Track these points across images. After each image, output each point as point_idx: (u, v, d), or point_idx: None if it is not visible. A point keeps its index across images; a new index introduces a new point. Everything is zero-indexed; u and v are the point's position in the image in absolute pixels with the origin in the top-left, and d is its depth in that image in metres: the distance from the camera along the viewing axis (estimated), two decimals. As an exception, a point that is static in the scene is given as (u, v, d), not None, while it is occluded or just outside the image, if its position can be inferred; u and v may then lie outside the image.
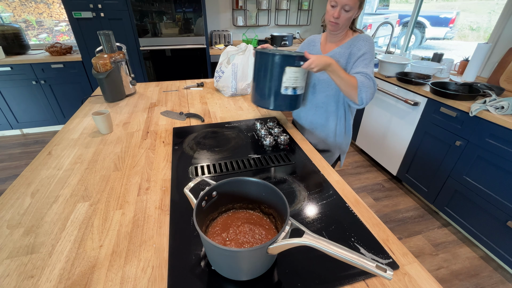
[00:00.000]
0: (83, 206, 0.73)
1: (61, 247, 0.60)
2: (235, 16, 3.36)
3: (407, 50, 2.69)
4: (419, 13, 2.50)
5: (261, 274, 0.54)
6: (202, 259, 0.58)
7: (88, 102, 1.48)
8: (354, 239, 0.63)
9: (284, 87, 0.98)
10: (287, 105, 1.04)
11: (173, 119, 1.26)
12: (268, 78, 0.98)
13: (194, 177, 0.85)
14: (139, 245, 0.61)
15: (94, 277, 0.54)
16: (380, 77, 2.12)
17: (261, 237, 0.57)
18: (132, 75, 1.56)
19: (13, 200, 0.75)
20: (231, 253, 0.47)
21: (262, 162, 0.93)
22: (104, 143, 1.05)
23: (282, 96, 1.00)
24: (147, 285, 0.53)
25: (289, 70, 0.94)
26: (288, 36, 3.32)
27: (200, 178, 0.61)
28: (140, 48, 2.69)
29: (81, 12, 2.43)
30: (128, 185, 0.82)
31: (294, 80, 0.97)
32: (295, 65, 0.94)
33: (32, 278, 0.54)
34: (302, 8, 3.54)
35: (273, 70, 0.96)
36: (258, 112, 1.37)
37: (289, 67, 0.94)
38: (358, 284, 0.53)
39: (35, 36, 3.08)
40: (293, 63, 0.94)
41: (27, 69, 2.55)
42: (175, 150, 1.01)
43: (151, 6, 2.54)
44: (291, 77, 0.96)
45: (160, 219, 0.69)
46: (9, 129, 2.82)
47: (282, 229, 0.48)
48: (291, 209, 0.72)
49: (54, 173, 0.87)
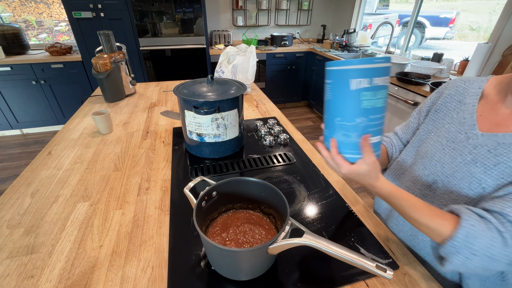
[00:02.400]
0: (83, 206, 0.73)
1: (61, 247, 0.60)
2: (235, 16, 3.36)
3: (407, 50, 2.69)
4: (419, 13, 2.50)
5: (261, 274, 0.54)
6: (202, 259, 0.58)
7: (88, 102, 1.48)
8: (354, 239, 0.63)
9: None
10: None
11: (173, 119, 1.26)
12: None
13: (194, 177, 0.85)
14: (139, 245, 0.61)
15: (94, 277, 0.54)
16: (380, 77, 2.12)
17: (261, 237, 0.57)
18: (132, 75, 1.56)
19: (13, 200, 0.75)
20: (231, 253, 0.47)
21: (262, 162, 0.93)
22: (104, 143, 1.05)
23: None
24: (147, 285, 0.53)
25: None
26: (288, 36, 3.32)
27: (200, 178, 0.61)
28: (140, 48, 2.69)
29: (81, 12, 2.43)
30: (128, 185, 0.82)
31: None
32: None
33: (32, 278, 0.54)
34: (302, 8, 3.54)
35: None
36: (258, 112, 1.37)
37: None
38: (358, 284, 0.53)
39: (35, 36, 3.08)
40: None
41: (27, 69, 2.54)
42: (175, 150, 1.01)
43: (151, 6, 2.54)
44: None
45: (160, 219, 0.69)
46: (9, 129, 2.82)
47: (282, 229, 0.48)
48: (291, 209, 0.72)
49: (54, 173, 0.87)
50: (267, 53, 3.15)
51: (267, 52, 3.14)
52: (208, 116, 0.84)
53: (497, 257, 0.43)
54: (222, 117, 0.86)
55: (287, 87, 3.51)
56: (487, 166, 0.51)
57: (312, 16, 3.67)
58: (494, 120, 0.54)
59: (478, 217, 0.45)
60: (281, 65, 3.30)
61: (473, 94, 0.60)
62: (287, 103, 3.71)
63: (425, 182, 0.64)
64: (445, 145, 0.61)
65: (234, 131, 0.92)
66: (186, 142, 0.97)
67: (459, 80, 0.65)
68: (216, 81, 0.91)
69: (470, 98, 0.60)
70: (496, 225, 0.43)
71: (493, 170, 0.50)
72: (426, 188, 0.64)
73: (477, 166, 0.53)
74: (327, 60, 2.92)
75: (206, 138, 0.89)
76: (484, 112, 0.57)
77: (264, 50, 3.13)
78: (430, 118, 0.67)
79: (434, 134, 0.65)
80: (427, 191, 0.63)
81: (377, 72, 0.41)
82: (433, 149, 0.63)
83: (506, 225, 0.43)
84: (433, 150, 0.63)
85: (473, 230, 0.43)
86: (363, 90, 0.41)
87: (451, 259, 0.46)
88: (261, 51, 3.11)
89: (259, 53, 3.10)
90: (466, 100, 0.61)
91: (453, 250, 0.45)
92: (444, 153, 0.60)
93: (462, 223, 0.44)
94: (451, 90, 0.65)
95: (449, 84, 0.67)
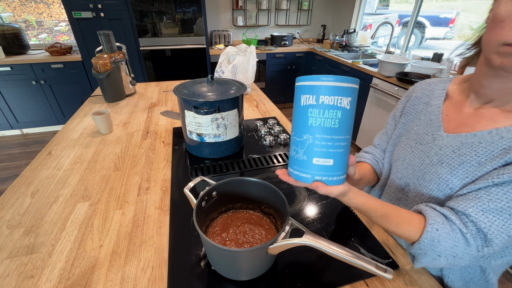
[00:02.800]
0: (83, 206, 0.73)
1: (61, 247, 0.60)
2: (235, 16, 3.36)
3: (407, 50, 2.69)
4: (419, 13, 2.50)
5: (261, 274, 0.54)
6: (202, 259, 0.58)
7: (88, 102, 1.48)
8: (354, 239, 0.63)
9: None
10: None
11: (173, 119, 1.26)
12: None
13: (194, 177, 0.85)
14: (139, 245, 0.61)
15: (94, 277, 0.54)
16: (380, 77, 2.12)
17: (261, 237, 0.57)
18: (132, 75, 1.56)
19: (13, 200, 0.75)
20: (231, 253, 0.47)
21: (262, 162, 0.93)
22: (104, 143, 1.05)
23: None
24: (147, 285, 0.53)
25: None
26: (288, 36, 3.32)
27: (200, 178, 0.61)
28: (140, 48, 2.69)
29: (81, 12, 2.43)
30: (128, 185, 0.82)
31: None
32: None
33: (32, 278, 0.54)
34: (302, 8, 3.54)
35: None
36: (258, 112, 1.37)
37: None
38: (358, 284, 0.53)
39: (35, 36, 3.08)
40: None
41: (27, 69, 2.55)
42: (175, 150, 1.01)
43: (151, 6, 2.54)
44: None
45: (160, 219, 0.69)
46: (9, 129, 2.82)
47: (282, 229, 0.48)
48: (291, 209, 0.72)
49: (54, 173, 0.87)
50: (267, 53, 3.15)
51: (267, 52, 3.14)
52: (208, 116, 0.84)
53: (460, 256, 0.45)
54: (222, 117, 0.86)
55: (287, 87, 3.51)
56: (452, 166, 0.52)
57: (312, 16, 3.67)
58: (459, 120, 0.55)
59: (443, 219, 0.47)
60: (281, 65, 3.30)
61: (438, 96, 0.61)
62: (287, 103, 3.71)
63: (399, 185, 0.65)
64: (414, 147, 0.61)
65: (234, 131, 0.92)
66: (186, 142, 0.97)
67: (425, 83, 0.66)
68: (216, 81, 0.91)
69: (435, 100, 0.61)
70: (459, 227, 0.45)
71: (458, 170, 0.51)
72: (400, 191, 0.65)
73: (443, 167, 0.54)
74: (327, 60, 2.92)
75: (206, 138, 0.89)
76: (449, 112, 0.58)
77: (264, 50, 3.13)
78: (401, 121, 0.68)
79: (405, 137, 0.66)
80: (401, 194, 0.65)
81: (325, 91, 0.39)
82: (404, 152, 0.64)
83: (468, 225, 0.45)
84: (404, 153, 0.64)
85: (437, 234, 0.45)
86: (310, 107, 0.41)
87: (419, 259, 0.49)
88: (261, 51, 3.11)
89: (259, 53, 3.10)
90: (432, 101, 0.62)
91: (420, 252, 0.48)
92: (413, 156, 0.61)
93: (427, 227, 0.46)
94: (418, 93, 0.66)
95: (416, 86, 0.68)
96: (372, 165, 0.73)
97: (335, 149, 0.41)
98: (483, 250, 0.44)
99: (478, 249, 0.44)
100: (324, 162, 0.42)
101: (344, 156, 0.42)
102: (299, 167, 0.44)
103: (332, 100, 0.39)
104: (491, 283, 0.59)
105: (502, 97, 0.49)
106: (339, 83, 0.39)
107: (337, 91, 0.39)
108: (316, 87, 0.40)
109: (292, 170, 0.45)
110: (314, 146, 0.41)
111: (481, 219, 0.44)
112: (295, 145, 0.44)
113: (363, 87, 2.37)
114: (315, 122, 0.41)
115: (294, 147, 0.44)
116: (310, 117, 0.41)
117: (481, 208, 0.44)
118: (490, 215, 0.43)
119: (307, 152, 0.42)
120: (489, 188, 0.45)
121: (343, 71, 2.65)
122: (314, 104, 0.40)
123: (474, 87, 0.53)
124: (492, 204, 0.44)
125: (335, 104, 0.40)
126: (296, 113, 0.44)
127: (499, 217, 0.43)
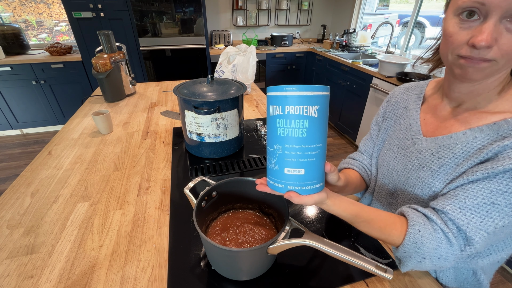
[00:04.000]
0: (83, 206, 0.73)
1: (61, 247, 0.60)
2: (235, 16, 3.36)
3: (407, 50, 2.69)
4: (419, 13, 2.50)
5: (261, 274, 0.54)
6: (202, 259, 0.58)
7: (88, 102, 1.48)
8: (354, 239, 0.63)
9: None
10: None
11: (173, 119, 1.26)
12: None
13: (194, 177, 0.85)
14: (139, 245, 0.61)
15: (94, 277, 0.54)
16: (380, 77, 2.12)
17: (261, 237, 0.57)
18: (132, 75, 1.56)
19: (13, 200, 0.75)
20: (231, 253, 0.47)
21: (262, 162, 0.93)
22: (104, 143, 1.05)
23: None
24: (147, 285, 0.53)
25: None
26: (288, 36, 3.32)
27: (200, 178, 0.61)
28: (140, 48, 2.69)
29: (81, 12, 2.43)
30: (128, 185, 0.82)
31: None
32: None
33: (32, 278, 0.54)
34: (302, 8, 3.54)
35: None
36: (258, 112, 1.37)
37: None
38: (358, 284, 0.53)
39: (35, 36, 3.08)
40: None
41: (27, 69, 2.54)
42: (175, 150, 1.01)
43: (151, 6, 2.54)
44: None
45: (160, 219, 0.69)
46: (9, 129, 2.82)
47: (282, 229, 0.48)
48: (291, 209, 0.72)
49: (54, 173, 0.87)
50: (267, 53, 3.15)
51: (267, 52, 3.14)
52: (208, 116, 0.84)
53: (444, 257, 0.44)
54: (222, 117, 0.86)
55: (287, 87, 3.50)
56: (433, 170, 0.53)
57: (312, 16, 3.67)
58: (435, 123, 0.57)
59: (424, 219, 0.46)
60: (281, 65, 3.30)
61: (415, 100, 0.62)
62: (287, 103, 3.71)
63: (388, 190, 0.66)
64: (397, 152, 0.62)
65: (234, 131, 0.92)
66: (186, 142, 0.97)
67: (403, 87, 0.67)
68: (216, 81, 0.91)
69: (413, 104, 0.62)
70: (441, 226, 0.44)
71: (439, 173, 0.52)
72: (390, 196, 0.66)
73: (424, 171, 0.54)
74: (327, 60, 2.92)
75: (206, 138, 0.89)
76: (427, 116, 0.59)
77: (264, 50, 3.13)
78: (383, 126, 0.69)
79: (388, 142, 0.66)
80: (391, 199, 0.65)
81: (291, 101, 0.39)
82: (388, 157, 0.64)
83: (448, 223, 0.44)
84: (388, 158, 0.64)
85: (419, 235, 0.44)
86: (277, 117, 0.40)
87: (405, 262, 0.48)
88: (261, 51, 3.11)
89: (259, 53, 3.10)
90: (410, 106, 0.63)
91: (405, 255, 0.47)
92: (396, 161, 0.62)
93: (409, 229, 0.46)
94: (397, 98, 0.67)
95: (395, 91, 0.69)
96: (359, 172, 0.72)
97: (306, 158, 0.41)
98: (466, 250, 0.44)
99: (461, 248, 0.44)
100: (296, 172, 0.41)
101: (317, 164, 0.41)
102: (273, 177, 0.43)
103: (298, 110, 0.39)
104: (484, 285, 0.59)
105: (472, 98, 0.50)
106: (304, 92, 0.38)
107: (302, 101, 0.39)
108: (282, 98, 0.39)
109: (268, 179, 0.45)
110: (284, 156, 0.41)
111: (458, 216, 0.43)
112: (268, 155, 0.44)
113: (363, 87, 2.37)
114: (283, 132, 0.40)
115: (268, 157, 0.44)
116: (278, 127, 0.41)
117: (459, 205, 0.44)
118: (467, 212, 0.43)
119: (278, 162, 0.42)
120: (465, 186, 0.45)
121: (343, 71, 2.65)
122: (281, 114, 0.40)
123: (445, 91, 0.55)
124: (469, 201, 0.43)
125: (301, 114, 0.39)
126: (267, 123, 0.44)
127: (476, 214, 0.43)
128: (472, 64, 0.42)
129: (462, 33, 0.41)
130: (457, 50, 0.43)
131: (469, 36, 0.41)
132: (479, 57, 0.40)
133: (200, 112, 0.82)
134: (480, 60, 0.41)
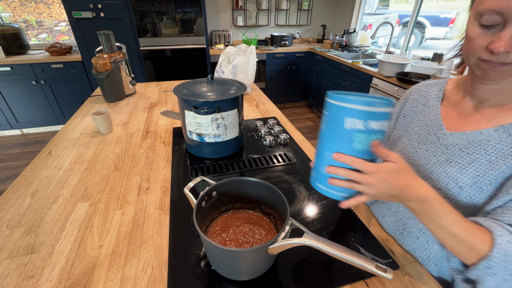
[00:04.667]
0: (83, 206, 0.73)
1: (61, 247, 0.60)
2: (235, 16, 3.36)
3: (407, 50, 2.69)
4: (419, 13, 2.50)
5: (261, 274, 0.54)
6: (202, 259, 0.58)
7: (88, 102, 1.48)
8: (354, 239, 0.63)
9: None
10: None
11: (173, 119, 1.26)
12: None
13: (194, 177, 0.85)
14: (139, 245, 0.61)
15: (94, 277, 0.54)
16: (380, 77, 2.12)
17: (261, 237, 0.57)
18: (132, 75, 1.56)
19: (13, 200, 0.75)
20: (231, 253, 0.47)
21: (262, 162, 0.93)
22: (104, 143, 1.05)
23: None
24: (147, 285, 0.53)
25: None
26: (288, 36, 3.32)
27: (200, 178, 0.61)
28: (140, 48, 2.69)
29: (81, 12, 2.43)
30: (128, 185, 0.82)
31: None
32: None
33: (32, 278, 0.54)
34: (302, 8, 3.54)
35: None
36: (258, 112, 1.37)
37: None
38: (358, 284, 0.53)
39: (35, 36, 3.08)
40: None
41: (27, 69, 2.55)
42: (175, 150, 1.01)
43: (151, 6, 2.54)
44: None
45: (160, 219, 0.69)
46: (9, 129, 2.82)
47: (282, 229, 0.48)
48: (291, 209, 0.72)
49: (54, 173, 0.87)
50: (267, 53, 3.15)
51: (267, 52, 3.14)
52: (208, 116, 0.84)
53: None
54: (222, 117, 0.86)
55: (287, 87, 3.51)
56: (462, 165, 0.52)
57: (312, 16, 3.67)
58: (459, 119, 0.56)
59: (505, 231, 0.40)
60: (281, 65, 3.30)
61: (435, 97, 0.62)
62: (287, 103, 3.71)
63: None
64: (417, 147, 0.62)
65: (234, 131, 0.92)
66: (186, 142, 0.97)
67: (421, 85, 0.68)
68: (216, 81, 0.91)
69: (433, 101, 0.62)
70: None
71: (468, 169, 0.51)
72: None
73: (452, 166, 0.53)
74: (327, 60, 2.92)
75: (206, 138, 0.89)
76: (448, 112, 0.59)
77: (264, 50, 3.13)
78: (400, 124, 0.69)
79: (405, 138, 0.66)
80: None
81: (376, 116, 0.38)
82: (406, 152, 0.64)
83: None
84: (407, 153, 0.64)
85: (510, 247, 0.37)
86: (356, 131, 0.39)
87: (485, 282, 0.39)
88: (261, 51, 3.11)
89: (259, 53, 3.10)
90: (429, 103, 0.63)
91: (489, 271, 0.39)
92: (417, 156, 0.61)
93: (497, 239, 0.38)
94: (415, 95, 0.67)
95: (413, 89, 0.69)
96: None
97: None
98: None
99: None
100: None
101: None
102: (338, 187, 0.45)
103: (379, 126, 0.39)
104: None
105: (496, 96, 0.50)
106: (388, 109, 0.39)
107: (384, 116, 0.39)
108: (368, 113, 0.38)
109: (331, 190, 0.47)
110: (355, 169, 0.41)
111: None
112: (331, 164, 0.43)
113: (363, 87, 2.37)
114: (360, 146, 0.40)
115: (327, 164, 0.44)
116: (355, 141, 0.40)
117: None
118: None
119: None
120: None
121: (343, 71, 2.65)
122: (363, 129, 0.39)
123: (468, 89, 0.55)
124: None
125: (382, 129, 0.40)
126: (335, 134, 0.41)
127: None
128: (492, 68, 0.43)
129: (482, 37, 0.43)
130: (478, 53, 0.44)
131: (488, 41, 0.42)
132: (499, 61, 0.42)
133: (200, 112, 0.82)
134: (499, 64, 0.42)
